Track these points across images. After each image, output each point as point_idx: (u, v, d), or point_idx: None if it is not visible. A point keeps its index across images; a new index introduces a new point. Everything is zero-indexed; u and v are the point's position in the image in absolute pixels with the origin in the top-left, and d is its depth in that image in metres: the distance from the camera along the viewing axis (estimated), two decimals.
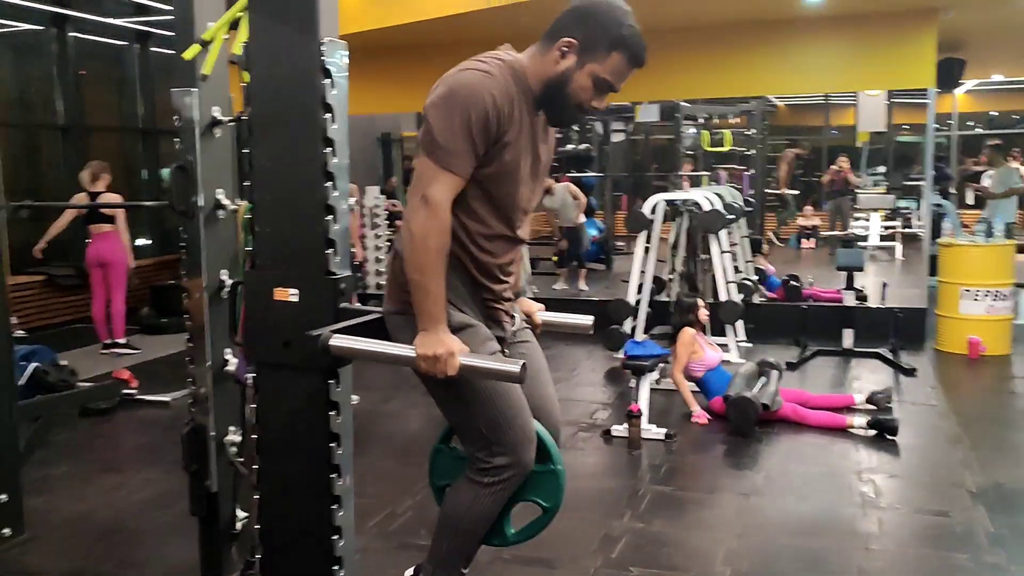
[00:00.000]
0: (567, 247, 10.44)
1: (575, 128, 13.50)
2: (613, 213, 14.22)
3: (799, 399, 5.43)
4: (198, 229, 3.11)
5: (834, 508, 4.01)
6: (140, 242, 9.69)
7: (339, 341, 1.97)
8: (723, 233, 7.15)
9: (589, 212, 11.44)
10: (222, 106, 2.83)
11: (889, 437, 4.92)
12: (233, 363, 2.84)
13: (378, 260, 9.09)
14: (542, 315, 2.44)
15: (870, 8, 7.54)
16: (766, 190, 13.52)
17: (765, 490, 4.25)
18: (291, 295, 2.16)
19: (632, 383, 5.18)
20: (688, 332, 5.52)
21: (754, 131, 13.18)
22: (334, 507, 2.22)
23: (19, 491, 3.75)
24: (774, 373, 5.54)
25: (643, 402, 5.08)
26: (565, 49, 1.97)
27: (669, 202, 7.21)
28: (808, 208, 15.69)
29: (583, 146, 13.24)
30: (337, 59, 2.14)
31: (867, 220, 13.31)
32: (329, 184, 2.13)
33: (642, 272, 7.01)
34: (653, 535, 3.74)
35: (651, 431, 4.98)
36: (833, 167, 15.14)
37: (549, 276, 10.66)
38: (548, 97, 2.00)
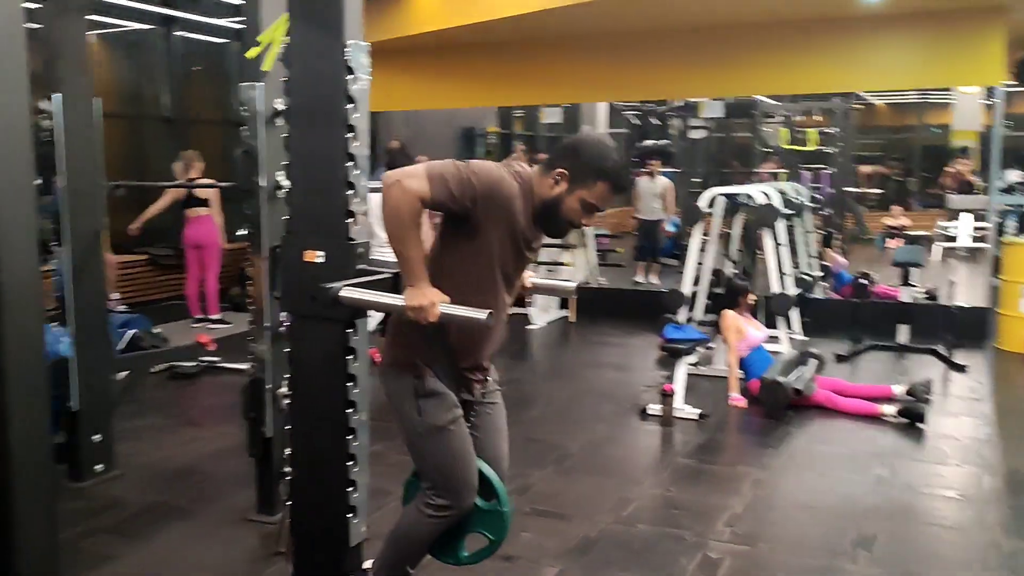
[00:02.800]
0: (642, 241, 10.65)
1: (657, 122, 13.69)
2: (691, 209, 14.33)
3: (835, 387, 5.60)
4: (260, 206, 3.60)
5: (845, 486, 4.22)
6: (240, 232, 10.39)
7: (348, 293, 2.37)
8: (781, 227, 7.33)
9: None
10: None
11: (919, 425, 5.07)
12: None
13: None
14: (532, 280, 2.79)
15: (939, 5, 7.56)
16: (845, 188, 13.42)
17: (784, 467, 4.49)
18: (318, 257, 2.57)
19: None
20: (729, 314, 5.76)
21: (836, 129, 13.10)
22: (349, 437, 2.63)
23: (111, 434, 4.31)
24: (813, 362, 5.74)
25: (678, 383, 5.36)
26: (558, 178, 2.34)
27: (727, 196, 7.41)
28: (896, 208, 15.45)
29: (663, 141, 13.41)
30: (360, 59, 2.53)
31: (957, 221, 13.14)
32: (350, 164, 2.53)
33: (699, 264, 7.24)
34: (666, 499, 4.04)
35: (685, 410, 5.26)
36: (952, 168, 14.85)
37: (614, 268, 10.85)
38: (543, 214, 2.38)
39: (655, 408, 5.25)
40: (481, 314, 2.18)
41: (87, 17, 8.88)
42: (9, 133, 1.57)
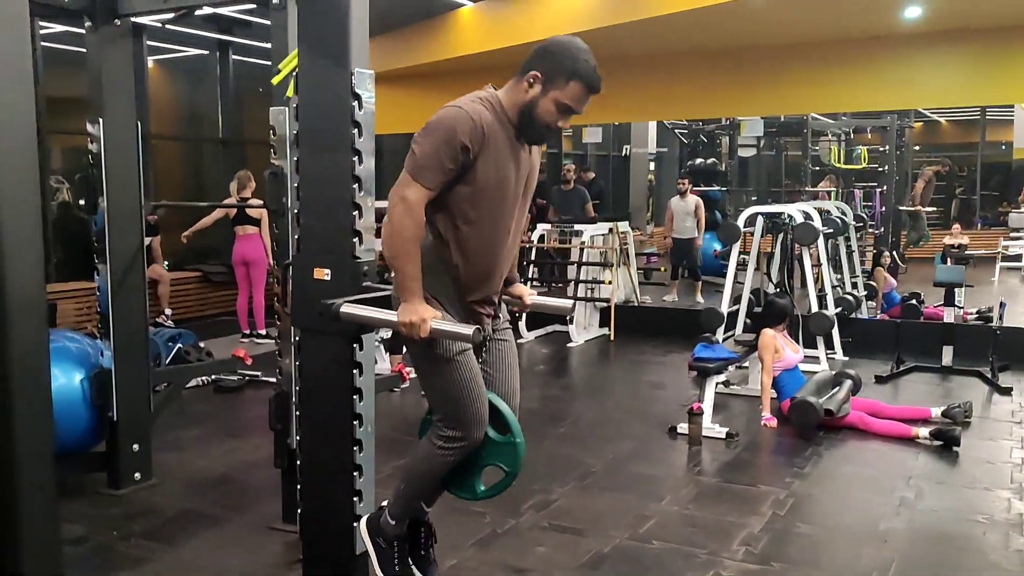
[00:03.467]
0: (675, 259, 10.67)
1: (703, 140, 13.68)
2: None
3: (871, 409, 5.54)
4: (287, 224, 3.74)
5: (867, 508, 4.19)
6: None
7: (348, 308, 2.48)
8: (821, 246, 7.28)
9: (713, 226, 11.59)
10: None
11: (954, 448, 4.99)
12: None
13: None
14: (531, 298, 2.87)
15: (995, 22, 7.46)
16: (899, 207, 13.21)
17: (808, 488, 4.46)
18: (325, 274, 2.70)
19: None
20: (767, 333, 5.74)
21: (887, 147, 12.92)
22: (355, 448, 2.73)
23: (149, 443, 4.49)
24: (847, 383, 5.68)
25: (707, 402, 5.37)
26: (532, 80, 2.40)
27: (766, 215, 7.39)
28: (956, 226, 15.13)
29: (710, 160, 13.39)
30: (365, 86, 2.66)
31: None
32: (356, 186, 2.65)
33: (738, 283, 7.24)
34: (683, 516, 4.06)
35: (713, 430, 5.26)
36: None
37: (657, 286, 10.85)
38: (521, 121, 2.43)
39: (683, 427, 5.26)
40: (468, 330, 2.27)
41: (147, 43, 9.26)
42: (16, 150, 1.71)
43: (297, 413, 3.66)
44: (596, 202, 12.29)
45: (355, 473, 2.75)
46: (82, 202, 7.49)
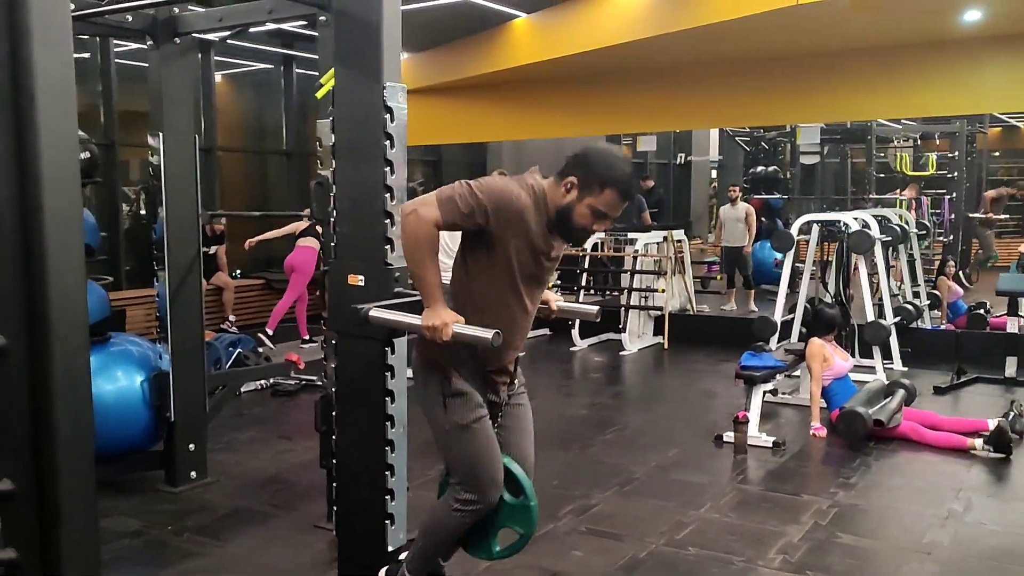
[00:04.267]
0: (727, 267, 10.60)
1: (764, 147, 13.53)
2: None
3: (924, 420, 5.44)
4: (332, 235, 3.87)
5: (912, 519, 4.13)
6: None
7: (376, 313, 2.58)
8: (878, 254, 7.18)
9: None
10: None
11: (1010, 458, 4.88)
12: None
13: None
14: (558, 304, 2.93)
15: None
16: (969, 215, 12.86)
17: (853, 498, 4.42)
18: (359, 280, 2.80)
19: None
20: (816, 342, 5.69)
21: (957, 153, 12.61)
22: (387, 448, 2.83)
23: (204, 443, 4.68)
24: (900, 392, 5.59)
25: (753, 411, 5.34)
26: (569, 186, 2.49)
27: (821, 223, 7.30)
28: None
29: (771, 168, 13.24)
30: (397, 99, 2.76)
31: None
32: (388, 195, 2.76)
33: (795, 291, 7.18)
34: (722, 524, 4.06)
35: (760, 438, 5.23)
36: None
37: (715, 295, 10.78)
38: (558, 221, 2.52)
39: (729, 435, 5.24)
40: (487, 334, 2.34)
41: (214, 58, 9.57)
42: (61, 154, 1.84)
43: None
44: (655, 210, 12.30)
45: (387, 472, 2.85)
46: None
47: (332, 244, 2.97)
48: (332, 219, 2.97)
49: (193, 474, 4.61)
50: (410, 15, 8.30)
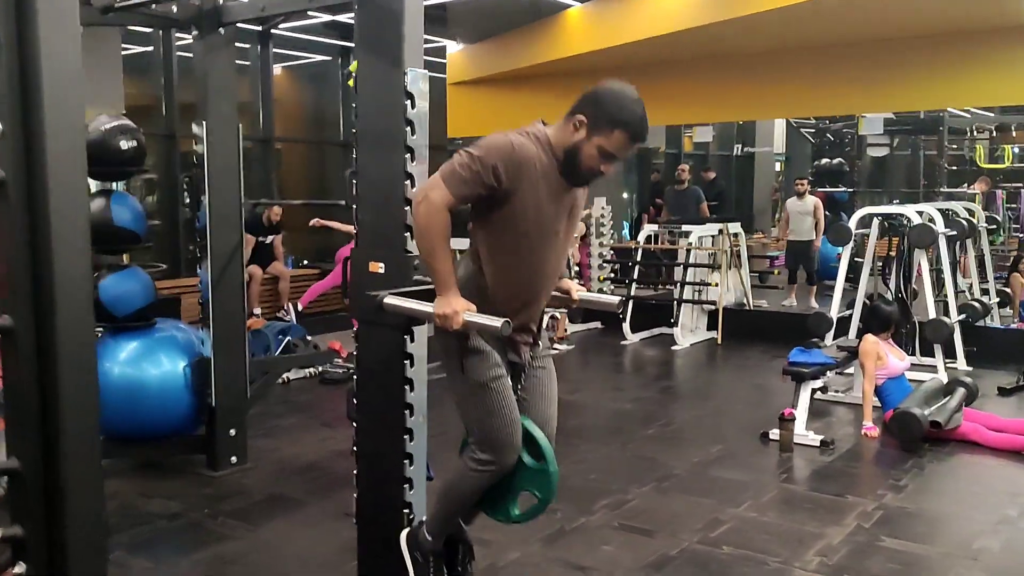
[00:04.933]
0: (791, 262, 10.32)
1: (829, 139, 13.18)
2: None
3: (987, 422, 5.21)
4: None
5: (963, 525, 3.96)
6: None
7: (391, 300, 2.54)
8: (942, 249, 6.91)
9: None
10: None
11: None
12: None
13: (601, 267, 9.62)
14: (579, 294, 2.86)
15: None
16: None
17: (902, 501, 4.25)
18: (380, 268, 2.79)
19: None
20: (869, 339, 5.50)
21: None
22: (406, 437, 2.81)
23: (244, 429, 4.73)
24: (960, 392, 5.37)
25: (801, 408, 5.19)
26: (578, 124, 2.40)
27: (882, 216, 7.07)
28: None
29: (836, 160, 12.88)
30: (419, 86, 2.73)
31: None
32: (408, 183, 2.73)
33: (853, 287, 6.97)
34: (760, 523, 3.95)
35: (807, 437, 5.08)
36: None
37: (774, 290, 10.52)
38: (565, 161, 2.43)
39: (775, 433, 5.10)
40: (496, 322, 2.30)
41: (274, 51, 9.71)
42: (66, 138, 1.85)
43: None
44: (715, 203, 12.07)
45: (405, 461, 2.83)
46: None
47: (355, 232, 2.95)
48: (355, 208, 2.94)
49: (234, 459, 4.67)
50: (464, 5, 8.35)
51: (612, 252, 9.63)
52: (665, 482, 4.49)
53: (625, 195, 13.89)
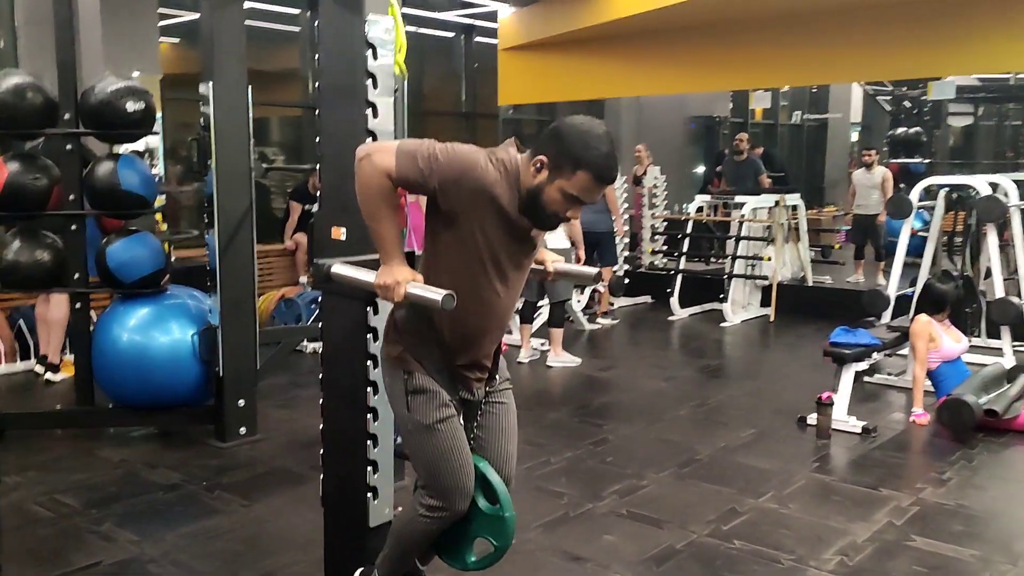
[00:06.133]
0: (857, 237, 9.79)
1: (907, 105, 12.46)
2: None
3: None
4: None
5: (1005, 523, 3.62)
6: None
7: (338, 268, 2.33)
8: (1017, 223, 6.37)
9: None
10: None
11: None
12: None
13: (653, 239, 9.28)
14: (555, 265, 2.60)
15: None
16: None
17: (942, 496, 3.90)
18: (341, 234, 2.59)
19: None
20: (921, 320, 5.10)
21: None
22: (369, 416, 2.62)
23: (254, 399, 4.63)
24: (1023, 379, 4.93)
25: (842, 392, 4.83)
26: (539, 165, 2.13)
27: (949, 187, 6.56)
28: None
29: (913, 130, 12.17)
30: (380, 35, 2.50)
31: None
32: (370, 140, 2.51)
33: (914, 263, 6.50)
34: (779, 516, 3.66)
35: (848, 423, 4.73)
36: None
37: (836, 266, 9.96)
38: (528, 203, 2.17)
39: (814, 418, 4.77)
40: (438, 295, 2.07)
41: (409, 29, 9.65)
42: None
43: None
44: (780, 174, 11.54)
45: (368, 442, 2.64)
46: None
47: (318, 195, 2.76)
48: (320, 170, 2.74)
49: (243, 430, 4.58)
50: None
51: (665, 224, 9.28)
52: (685, 468, 4.22)
53: (701, 168, 13.45)
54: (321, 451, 2.81)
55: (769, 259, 7.87)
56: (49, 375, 5.65)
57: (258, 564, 3.22)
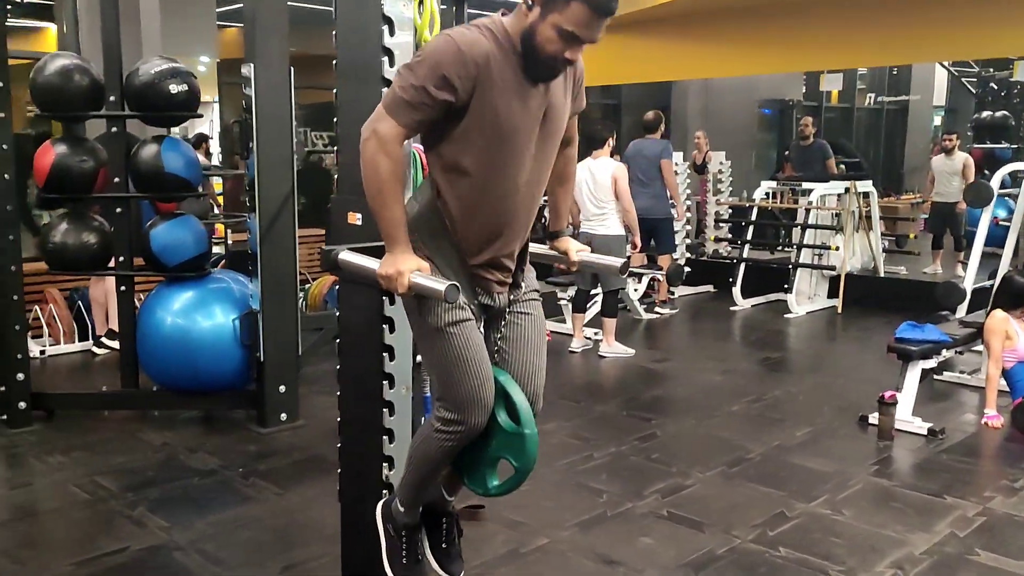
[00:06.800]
0: (935, 226, 9.32)
1: (994, 88, 11.80)
2: None
3: None
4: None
5: None
6: None
7: (345, 256, 2.22)
8: None
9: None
10: None
11: None
12: None
13: (718, 225, 9.00)
14: (579, 255, 2.43)
15: None
16: None
17: (1012, 506, 3.62)
18: (357, 219, 2.47)
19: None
20: (997, 315, 4.77)
21: None
22: (384, 410, 2.50)
23: (295, 385, 4.58)
24: None
25: (907, 391, 4.55)
26: (531, 2, 1.95)
27: None
28: None
29: (999, 114, 11.54)
30: (399, 10, 2.37)
31: None
32: None
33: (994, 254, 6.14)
34: (830, 522, 3.44)
35: (913, 424, 4.46)
36: None
37: (912, 256, 9.52)
38: (524, 51, 1.98)
39: (876, 418, 4.51)
40: (441, 285, 1.93)
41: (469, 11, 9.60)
42: None
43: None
44: (855, 160, 11.10)
45: (384, 437, 2.53)
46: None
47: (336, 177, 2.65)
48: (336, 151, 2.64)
49: (283, 416, 4.54)
50: None
51: (730, 211, 8.98)
52: (734, 467, 4.02)
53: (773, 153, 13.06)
54: (338, 445, 2.71)
55: (837, 248, 7.53)
56: (94, 348, 5.83)
57: (282, 556, 3.16)
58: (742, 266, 7.80)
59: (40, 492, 3.80)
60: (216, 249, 5.93)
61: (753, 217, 8.04)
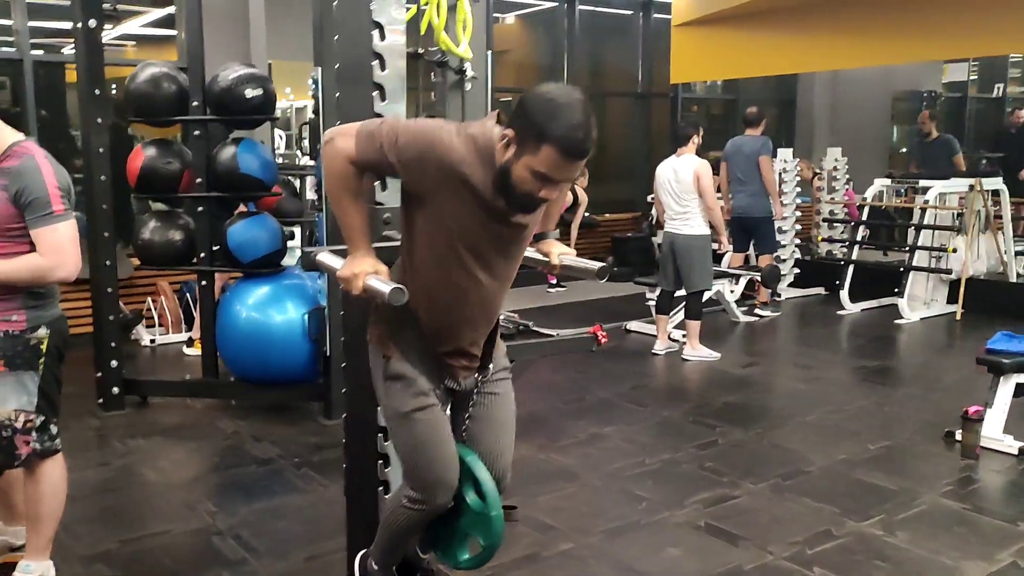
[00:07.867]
0: None
1: None
2: None
3: None
4: None
5: None
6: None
7: (322, 257, 2.26)
8: None
9: None
10: None
11: None
12: None
13: (832, 225, 8.57)
14: (562, 258, 2.38)
15: None
16: None
17: None
18: None
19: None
20: None
21: None
22: (378, 408, 2.53)
23: (331, 385, 4.67)
24: None
25: (998, 407, 4.20)
26: (506, 141, 1.92)
27: None
28: None
29: None
30: (390, 13, 2.39)
31: None
32: None
33: None
34: (881, 544, 3.22)
35: (1003, 442, 4.12)
36: None
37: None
38: (500, 183, 1.96)
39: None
40: (387, 287, 1.95)
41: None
42: None
43: None
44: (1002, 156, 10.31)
45: (379, 435, 2.57)
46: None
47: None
48: None
49: (318, 409, 4.68)
50: None
51: (845, 210, 8.55)
52: (788, 480, 3.83)
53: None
54: (343, 440, 2.76)
55: (955, 251, 7.03)
56: (186, 348, 6.18)
57: (308, 547, 3.25)
58: (851, 268, 7.41)
59: (114, 472, 4.05)
60: None
61: (864, 217, 7.61)
